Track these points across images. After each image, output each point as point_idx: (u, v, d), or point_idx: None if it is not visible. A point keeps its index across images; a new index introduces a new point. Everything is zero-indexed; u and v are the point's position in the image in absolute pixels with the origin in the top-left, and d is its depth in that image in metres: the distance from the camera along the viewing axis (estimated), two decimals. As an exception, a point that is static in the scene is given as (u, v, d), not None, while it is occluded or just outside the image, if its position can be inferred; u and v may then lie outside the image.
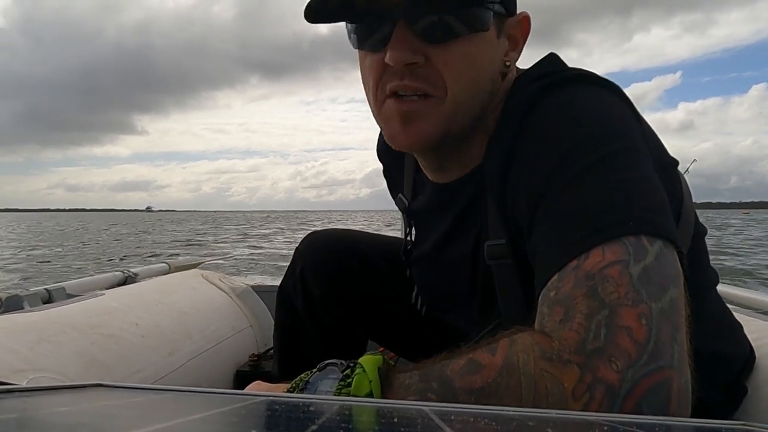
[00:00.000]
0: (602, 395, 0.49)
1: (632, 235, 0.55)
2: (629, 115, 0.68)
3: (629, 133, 0.65)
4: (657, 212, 0.59)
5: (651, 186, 0.61)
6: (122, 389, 0.51)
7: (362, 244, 1.11)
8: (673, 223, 0.61)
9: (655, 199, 0.60)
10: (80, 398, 0.47)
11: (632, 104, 0.70)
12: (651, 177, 0.62)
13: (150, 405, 0.46)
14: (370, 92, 0.75)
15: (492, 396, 0.53)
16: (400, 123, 0.72)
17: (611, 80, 0.71)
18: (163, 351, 1.26)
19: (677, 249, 0.58)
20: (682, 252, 0.58)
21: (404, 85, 0.70)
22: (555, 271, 0.57)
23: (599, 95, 0.68)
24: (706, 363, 0.59)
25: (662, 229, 0.57)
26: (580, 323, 0.52)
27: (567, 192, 0.61)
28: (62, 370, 0.99)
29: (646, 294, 0.52)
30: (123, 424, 0.37)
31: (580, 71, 0.72)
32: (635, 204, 0.58)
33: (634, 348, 0.50)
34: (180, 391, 0.51)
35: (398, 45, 0.68)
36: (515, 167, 0.68)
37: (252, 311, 1.78)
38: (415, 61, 0.69)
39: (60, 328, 1.11)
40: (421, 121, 0.72)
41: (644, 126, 0.70)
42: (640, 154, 0.64)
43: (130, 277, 1.76)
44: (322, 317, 1.07)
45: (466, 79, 0.71)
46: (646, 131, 0.70)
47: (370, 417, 0.45)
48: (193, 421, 0.38)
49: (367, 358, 0.59)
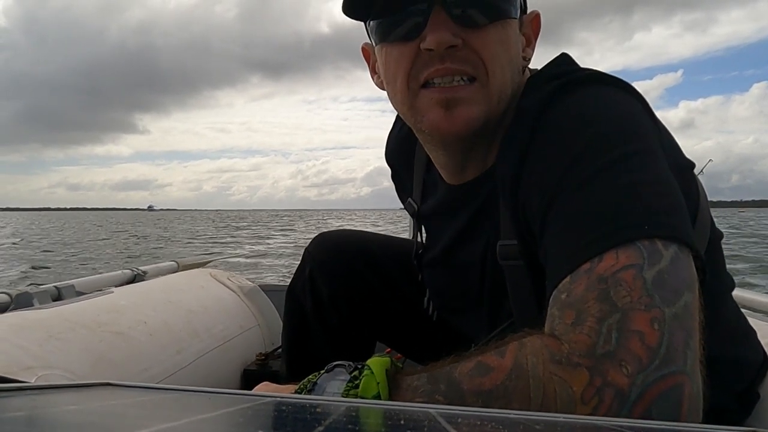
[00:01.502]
0: (612, 399, 0.49)
1: (647, 239, 0.54)
2: (645, 115, 0.67)
3: (645, 134, 0.64)
4: (673, 215, 0.57)
5: (667, 188, 0.60)
6: (130, 388, 0.51)
7: (371, 246, 1.10)
8: (690, 225, 0.60)
9: (671, 201, 0.59)
10: (88, 397, 0.47)
11: (648, 104, 0.69)
12: (667, 179, 0.61)
13: (157, 404, 0.46)
14: (398, 85, 0.75)
15: (500, 399, 0.52)
16: (443, 109, 0.72)
17: (625, 80, 0.70)
18: (170, 349, 1.26)
19: (694, 253, 0.56)
20: (699, 256, 0.57)
21: (446, 68, 0.70)
22: (567, 273, 0.56)
23: (614, 95, 0.67)
24: (720, 369, 0.59)
25: (678, 232, 0.56)
26: (591, 327, 0.51)
27: (580, 193, 0.60)
28: (70, 367, 1.00)
29: (660, 299, 0.51)
30: (130, 423, 0.37)
31: (593, 71, 0.71)
32: (651, 206, 0.57)
33: (646, 353, 0.49)
34: (187, 390, 0.51)
35: (438, 28, 0.69)
36: (528, 168, 0.67)
37: (260, 310, 1.78)
38: (455, 44, 0.69)
39: (69, 326, 1.11)
40: (465, 105, 0.71)
41: (660, 127, 0.69)
42: (655, 155, 0.62)
43: (138, 275, 1.76)
44: (330, 318, 1.07)
45: (504, 62, 0.72)
46: (662, 132, 0.69)
47: (376, 418, 0.45)
48: (200, 421, 0.38)
49: (376, 360, 0.58)
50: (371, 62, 0.84)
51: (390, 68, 0.75)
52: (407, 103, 0.74)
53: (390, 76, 0.75)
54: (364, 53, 0.86)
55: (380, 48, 0.76)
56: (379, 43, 0.76)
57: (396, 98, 0.77)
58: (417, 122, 0.76)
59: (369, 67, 0.85)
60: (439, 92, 0.71)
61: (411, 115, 0.76)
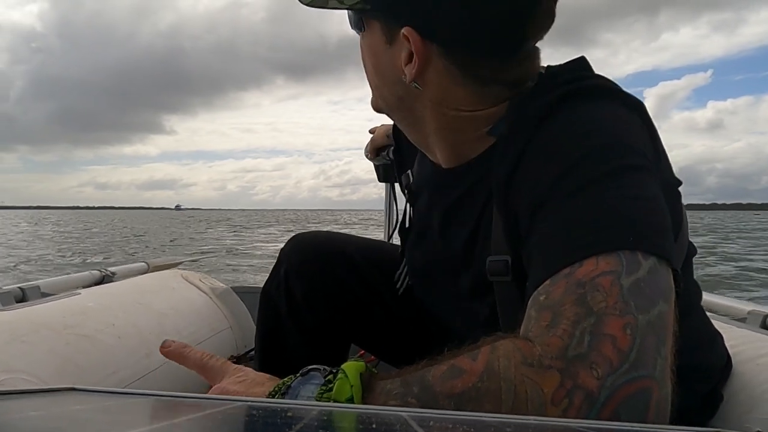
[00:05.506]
0: (581, 401, 0.50)
1: (629, 250, 0.55)
2: (644, 133, 0.68)
3: (641, 151, 0.65)
4: (657, 232, 0.59)
5: (654, 205, 0.61)
6: (95, 393, 0.50)
7: (348, 247, 1.10)
8: (672, 244, 0.61)
9: (658, 219, 0.60)
10: (52, 402, 0.46)
11: (651, 121, 0.70)
12: (657, 197, 0.62)
13: (123, 410, 0.45)
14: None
15: (472, 401, 0.52)
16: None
17: (634, 95, 0.71)
18: (139, 352, 1.24)
19: (672, 268, 0.58)
20: (677, 271, 0.58)
21: None
22: (547, 276, 0.57)
23: (617, 111, 0.68)
24: (688, 374, 0.60)
25: (659, 248, 0.57)
26: (565, 329, 0.52)
27: (569, 201, 0.61)
28: (34, 371, 0.97)
29: (635, 306, 0.52)
30: (95, 429, 0.36)
31: (603, 83, 0.72)
32: (637, 221, 0.58)
33: (617, 356, 0.50)
34: (155, 395, 0.50)
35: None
36: (521, 173, 0.68)
37: (232, 312, 1.76)
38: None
39: (33, 328, 1.08)
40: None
41: (658, 145, 0.70)
42: (649, 173, 0.64)
43: (107, 276, 1.72)
44: (305, 319, 1.06)
45: (368, 68, 0.83)
46: (659, 150, 0.70)
47: (349, 422, 0.45)
48: (167, 427, 0.38)
49: (350, 364, 0.58)
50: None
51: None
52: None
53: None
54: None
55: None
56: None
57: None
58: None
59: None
60: None
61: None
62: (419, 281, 1.01)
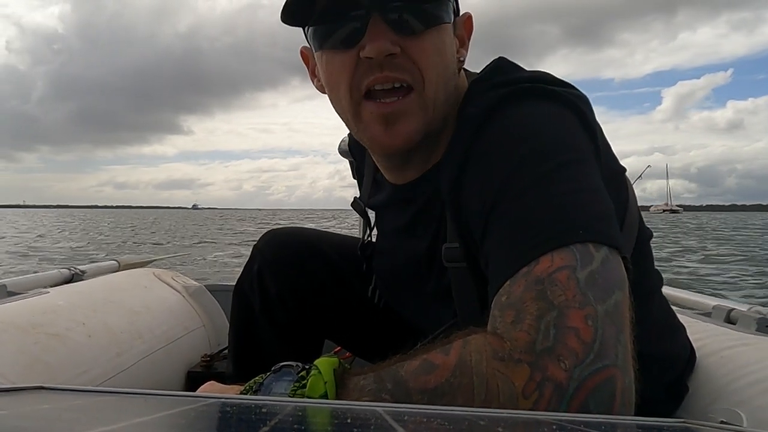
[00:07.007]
0: (551, 393, 0.51)
1: (580, 243, 0.58)
2: (579, 128, 0.70)
3: (578, 145, 0.68)
4: (603, 221, 0.61)
5: (598, 196, 0.64)
6: (64, 392, 0.49)
7: (321, 243, 1.10)
8: (618, 231, 0.64)
9: (602, 208, 0.63)
10: (19, 401, 0.45)
11: (586, 114, 0.72)
12: (598, 187, 0.65)
13: (93, 408, 0.44)
14: (340, 93, 0.75)
15: (445, 395, 0.53)
16: (382, 125, 0.73)
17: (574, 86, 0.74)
18: (111, 351, 1.21)
19: (622, 255, 0.60)
20: (626, 258, 0.61)
21: (384, 77, 0.71)
22: (507, 278, 0.59)
23: (551, 110, 0.71)
24: (650, 363, 0.62)
25: (608, 237, 0.60)
26: (530, 324, 0.54)
27: (518, 202, 0.63)
28: (2, 371, 0.95)
29: (593, 297, 0.54)
30: (63, 427, 0.35)
31: (537, 78, 0.74)
32: (583, 213, 0.61)
33: (581, 347, 0.52)
34: (125, 393, 0.49)
35: (377, 37, 0.69)
36: (469, 176, 0.70)
37: (205, 311, 1.74)
38: (393, 52, 0.70)
39: (0, 327, 1.05)
40: (404, 120, 0.73)
41: (597, 136, 0.72)
42: (588, 165, 0.67)
43: (76, 275, 1.69)
44: (278, 316, 1.05)
45: (440, 68, 0.73)
46: (599, 141, 0.72)
47: (323, 418, 0.45)
48: (138, 424, 0.37)
49: (323, 360, 0.58)
50: (310, 66, 0.84)
51: (332, 76, 0.75)
52: (351, 111, 0.75)
53: (332, 83, 0.76)
54: (303, 57, 0.86)
55: (320, 54, 0.76)
56: (319, 49, 0.76)
57: (339, 105, 0.77)
58: (359, 132, 0.77)
59: (308, 70, 0.85)
60: (378, 107, 0.72)
61: (354, 124, 0.77)
62: (386, 290, 1.02)
